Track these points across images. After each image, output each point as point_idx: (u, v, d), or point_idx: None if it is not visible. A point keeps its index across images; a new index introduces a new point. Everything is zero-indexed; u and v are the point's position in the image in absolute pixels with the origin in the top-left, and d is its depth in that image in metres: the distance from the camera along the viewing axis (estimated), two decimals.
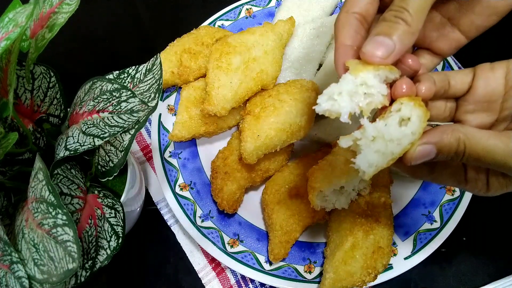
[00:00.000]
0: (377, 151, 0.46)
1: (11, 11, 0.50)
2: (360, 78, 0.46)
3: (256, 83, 0.81)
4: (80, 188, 0.59)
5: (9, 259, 0.49)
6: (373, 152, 0.46)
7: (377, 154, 0.46)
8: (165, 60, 0.88)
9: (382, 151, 0.46)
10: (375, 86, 0.46)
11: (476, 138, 0.45)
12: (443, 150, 0.46)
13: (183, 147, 0.88)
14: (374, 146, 0.46)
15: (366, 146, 0.46)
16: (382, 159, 0.46)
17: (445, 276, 0.80)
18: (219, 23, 1.00)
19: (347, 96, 0.46)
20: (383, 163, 0.46)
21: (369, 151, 0.46)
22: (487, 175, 0.50)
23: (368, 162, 0.46)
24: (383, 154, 0.46)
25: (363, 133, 0.47)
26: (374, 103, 0.47)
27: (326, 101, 0.48)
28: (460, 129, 0.46)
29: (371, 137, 0.46)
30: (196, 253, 0.83)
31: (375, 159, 0.46)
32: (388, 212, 0.75)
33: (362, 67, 0.46)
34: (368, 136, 0.46)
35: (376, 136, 0.46)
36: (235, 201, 0.79)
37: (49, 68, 0.63)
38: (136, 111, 0.54)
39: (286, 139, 0.77)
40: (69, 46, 1.05)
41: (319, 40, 0.92)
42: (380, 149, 0.46)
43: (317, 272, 0.76)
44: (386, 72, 0.46)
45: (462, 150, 0.45)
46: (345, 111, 0.46)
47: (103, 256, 0.56)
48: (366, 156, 0.46)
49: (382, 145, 0.46)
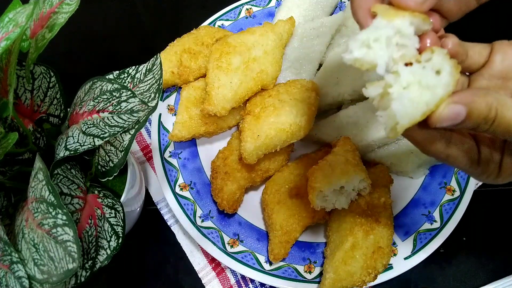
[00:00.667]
0: (412, 100, 0.39)
1: (11, 11, 0.50)
2: (396, 24, 0.39)
3: (256, 83, 0.81)
4: (80, 188, 0.59)
5: (9, 259, 0.49)
6: (407, 100, 0.39)
7: (411, 104, 0.39)
8: (165, 60, 0.88)
9: (417, 100, 0.39)
10: (409, 36, 0.40)
11: (509, 106, 0.41)
12: (474, 114, 0.41)
13: (183, 147, 0.88)
14: (409, 93, 0.39)
15: (399, 93, 0.40)
16: (417, 110, 0.40)
17: (445, 276, 0.80)
18: (219, 23, 1.00)
19: (385, 43, 0.40)
20: (418, 115, 0.40)
21: (403, 98, 0.39)
22: (501, 156, 0.47)
23: (403, 110, 0.39)
24: (418, 104, 0.40)
25: (397, 78, 0.40)
26: (407, 57, 0.41)
27: (360, 48, 0.40)
28: (493, 93, 0.41)
29: (405, 83, 0.40)
30: (196, 253, 0.83)
31: (410, 108, 0.39)
32: (388, 212, 0.75)
33: (395, 12, 0.40)
34: (402, 82, 0.40)
35: (410, 83, 0.40)
36: (235, 201, 0.79)
37: (49, 68, 0.63)
38: (136, 111, 0.54)
39: (286, 139, 0.77)
40: (69, 46, 1.05)
41: (319, 40, 0.92)
42: (415, 98, 0.39)
43: (317, 272, 0.76)
44: (420, 22, 0.41)
45: (493, 116, 0.41)
46: (383, 60, 0.40)
47: (103, 256, 0.56)
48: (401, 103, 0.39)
49: (417, 93, 0.39)
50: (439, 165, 0.84)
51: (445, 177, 0.82)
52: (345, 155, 0.77)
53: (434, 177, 0.83)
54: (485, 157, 0.48)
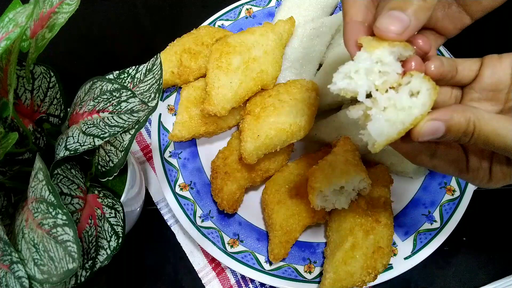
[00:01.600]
0: (388, 120, 0.45)
1: (11, 11, 0.50)
2: (376, 55, 0.44)
3: (256, 83, 0.81)
4: (80, 188, 0.59)
5: (9, 259, 0.49)
6: (384, 120, 0.45)
7: (388, 124, 0.45)
8: (165, 60, 0.88)
9: (393, 120, 0.45)
10: (390, 64, 0.45)
11: (486, 119, 0.44)
12: (452, 129, 0.45)
13: (183, 147, 0.88)
14: (386, 115, 0.45)
15: (377, 115, 0.45)
16: (393, 129, 0.45)
17: (445, 276, 0.80)
18: (219, 23, 1.00)
19: (364, 74, 0.45)
20: (394, 134, 0.45)
21: (380, 119, 0.45)
22: (490, 164, 0.49)
23: (380, 130, 0.45)
24: (393, 123, 0.45)
25: (374, 102, 0.45)
26: (389, 82, 0.46)
27: (342, 79, 0.46)
28: (471, 109, 0.45)
29: (382, 107, 0.45)
30: (196, 253, 0.83)
31: (386, 128, 0.45)
32: (388, 212, 0.75)
33: (376, 43, 0.45)
34: (379, 106, 0.45)
35: (387, 106, 0.45)
36: (235, 201, 0.79)
37: (49, 68, 0.63)
38: (136, 111, 0.54)
39: (286, 139, 0.77)
40: (69, 46, 1.05)
41: (319, 40, 0.92)
42: (391, 118, 0.45)
43: (317, 272, 0.76)
44: (401, 49, 0.45)
45: (471, 130, 0.44)
46: (363, 89, 0.45)
47: (103, 256, 0.56)
48: (378, 124, 0.45)
49: (393, 114, 0.45)
50: None
51: (445, 177, 0.82)
52: (345, 155, 0.77)
53: (434, 177, 0.83)
54: (473, 165, 0.50)
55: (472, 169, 0.50)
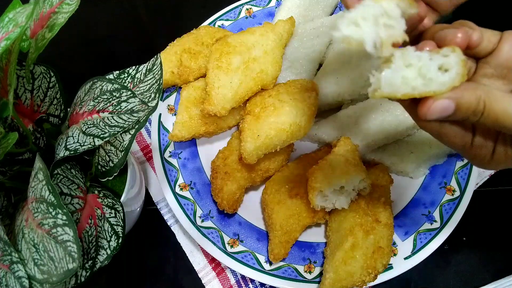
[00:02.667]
0: (404, 78, 0.43)
1: (11, 11, 0.50)
2: (383, 6, 0.42)
3: (256, 83, 0.81)
4: (80, 188, 0.59)
5: (9, 259, 0.49)
6: (401, 76, 0.43)
7: (401, 81, 0.43)
8: (165, 60, 0.88)
9: (408, 80, 0.43)
10: (396, 18, 0.43)
11: (497, 98, 0.43)
12: (462, 107, 0.44)
13: (183, 147, 0.88)
14: (405, 72, 0.43)
15: (399, 67, 0.43)
16: (402, 88, 0.44)
17: (445, 276, 0.80)
18: (219, 23, 1.00)
19: (372, 22, 0.42)
20: (399, 92, 0.44)
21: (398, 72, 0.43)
22: (494, 144, 0.49)
23: (391, 81, 0.43)
24: (406, 84, 0.43)
25: (404, 54, 0.43)
26: (394, 37, 0.43)
27: (347, 26, 0.42)
28: (481, 87, 0.44)
29: (408, 63, 0.44)
30: (196, 253, 0.83)
31: (398, 84, 0.43)
32: (388, 212, 0.75)
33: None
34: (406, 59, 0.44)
35: (413, 65, 0.44)
36: (235, 201, 0.79)
37: (49, 68, 0.63)
38: (136, 111, 0.54)
39: (286, 139, 0.77)
40: (69, 46, 1.05)
41: (319, 40, 0.92)
42: (408, 78, 0.43)
43: (317, 272, 0.76)
44: (407, 5, 0.44)
45: (481, 109, 0.44)
46: (370, 38, 0.42)
47: (103, 256, 0.56)
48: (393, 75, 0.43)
49: (412, 75, 0.43)
50: (439, 165, 0.84)
51: (445, 177, 0.82)
52: (345, 155, 0.77)
53: (434, 177, 0.83)
54: (478, 142, 0.49)
55: (476, 146, 0.49)
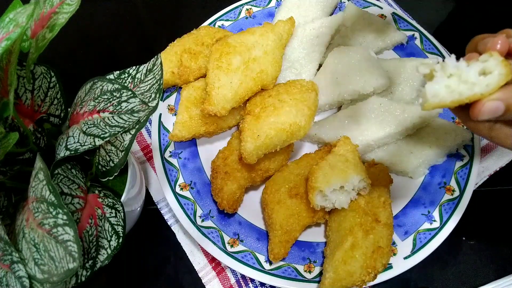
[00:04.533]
0: (448, 87, 0.48)
1: (12, 11, 0.50)
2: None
3: (256, 83, 0.81)
4: (80, 188, 0.59)
5: (9, 259, 0.49)
6: (444, 85, 0.49)
7: (446, 89, 0.49)
8: (165, 60, 0.88)
9: (452, 88, 0.48)
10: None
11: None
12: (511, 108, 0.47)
13: (183, 147, 0.88)
14: (447, 81, 0.49)
15: (440, 78, 0.49)
16: (448, 96, 0.49)
17: (445, 276, 0.80)
18: (219, 23, 1.00)
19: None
20: (447, 100, 0.49)
21: (441, 83, 0.49)
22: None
23: (436, 92, 0.49)
24: (451, 91, 0.48)
25: (444, 66, 0.49)
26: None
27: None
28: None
29: (449, 73, 0.49)
30: (196, 252, 0.83)
31: (443, 93, 0.49)
32: (388, 212, 0.75)
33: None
34: (446, 71, 0.49)
35: (453, 74, 0.48)
36: (235, 200, 0.79)
37: (50, 68, 0.63)
38: (137, 111, 0.54)
39: (286, 139, 0.77)
40: (69, 46, 1.05)
41: (319, 40, 0.92)
42: (451, 86, 0.48)
43: (317, 272, 0.76)
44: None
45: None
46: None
47: (104, 256, 0.56)
48: (437, 86, 0.49)
49: (454, 83, 0.48)
50: (438, 165, 0.84)
51: (444, 177, 0.82)
52: (345, 155, 0.77)
53: (434, 177, 0.83)
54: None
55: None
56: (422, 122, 0.83)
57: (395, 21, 1.01)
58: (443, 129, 0.83)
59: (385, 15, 1.01)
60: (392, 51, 0.99)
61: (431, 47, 0.95)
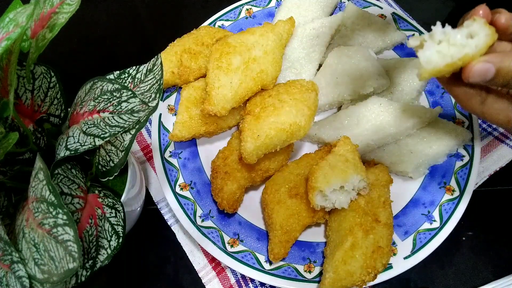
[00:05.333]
0: (439, 52, 0.51)
1: (12, 11, 0.50)
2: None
3: (256, 83, 0.81)
4: (80, 188, 0.59)
5: (9, 259, 0.49)
6: (435, 51, 0.51)
7: (438, 54, 0.51)
8: (165, 60, 0.88)
9: (443, 52, 0.51)
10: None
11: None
12: (502, 72, 0.48)
13: (183, 147, 0.88)
14: (438, 47, 0.51)
15: (431, 44, 0.52)
16: (441, 60, 0.51)
17: (445, 276, 0.80)
18: (219, 23, 1.00)
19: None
20: (441, 64, 0.51)
21: (431, 48, 0.51)
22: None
23: (429, 58, 0.51)
24: (443, 55, 0.51)
25: (432, 35, 0.52)
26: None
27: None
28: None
29: (438, 40, 0.51)
30: (196, 252, 0.83)
31: (435, 58, 0.51)
32: (388, 212, 0.75)
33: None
34: (435, 38, 0.51)
35: (442, 40, 0.51)
36: (235, 200, 0.79)
37: (50, 68, 0.63)
38: (137, 111, 0.54)
39: (286, 139, 0.77)
40: (69, 46, 1.05)
41: (319, 40, 0.92)
42: (442, 50, 0.51)
43: (317, 272, 0.76)
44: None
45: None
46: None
47: (104, 256, 0.56)
48: (428, 52, 0.51)
49: (445, 47, 0.51)
50: (438, 165, 0.84)
51: (444, 177, 0.82)
52: (345, 155, 0.77)
53: (434, 177, 0.83)
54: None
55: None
56: (422, 122, 0.83)
57: (395, 21, 1.01)
58: (443, 129, 0.83)
59: (385, 15, 1.01)
60: (392, 51, 0.99)
61: None
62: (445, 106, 0.90)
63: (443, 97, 0.91)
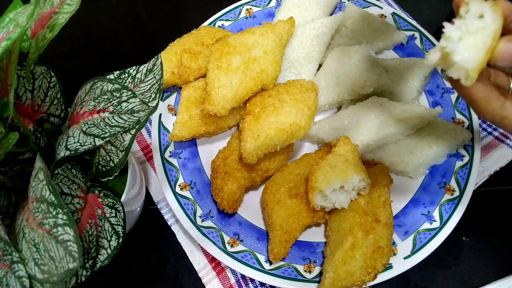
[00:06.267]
0: (469, 46, 0.47)
1: (12, 11, 0.50)
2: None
3: (256, 83, 0.81)
4: (80, 188, 0.59)
5: (9, 259, 0.49)
6: (465, 48, 0.47)
7: (470, 49, 0.47)
8: (165, 60, 0.88)
9: (473, 43, 0.47)
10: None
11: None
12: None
13: (183, 147, 0.88)
14: (464, 43, 0.47)
15: (456, 46, 0.47)
16: (478, 51, 0.47)
17: (445, 276, 0.80)
18: (219, 23, 1.00)
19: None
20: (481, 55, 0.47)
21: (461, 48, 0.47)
22: None
23: (465, 58, 0.47)
24: (475, 46, 0.47)
25: (448, 38, 0.48)
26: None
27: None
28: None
29: (458, 38, 0.47)
30: (196, 252, 0.83)
31: (470, 53, 0.47)
32: (388, 212, 0.75)
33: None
34: (453, 39, 0.47)
35: (461, 36, 0.47)
36: (235, 200, 0.79)
37: (50, 68, 0.63)
38: (137, 111, 0.54)
39: (286, 139, 0.77)
40: (69, 46, 1.05)
41: (319, 40, 0.92)
42: (470, 43, 0.47)
43: (317, 272, 0.76)
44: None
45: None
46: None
47: (104, 256, 0.56)
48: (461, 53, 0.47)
49: (471, 39, 0.47)
50: (438, 165, 0.84)
51: (444, 177, 0.82)
52: (345, 155, 0.77)
53: (434, 177, 0.83)
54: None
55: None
56: (422, 122, 0.83)
57: (395, 21, 1.01)
58: (443, 129, 0.83)
59: (385, 15, 1.01)
60: (392, 51, 0.99)
61: (431, 47, 0.95)
62: (445, 106, 0.90)
63: (443, 97, 0.91)
